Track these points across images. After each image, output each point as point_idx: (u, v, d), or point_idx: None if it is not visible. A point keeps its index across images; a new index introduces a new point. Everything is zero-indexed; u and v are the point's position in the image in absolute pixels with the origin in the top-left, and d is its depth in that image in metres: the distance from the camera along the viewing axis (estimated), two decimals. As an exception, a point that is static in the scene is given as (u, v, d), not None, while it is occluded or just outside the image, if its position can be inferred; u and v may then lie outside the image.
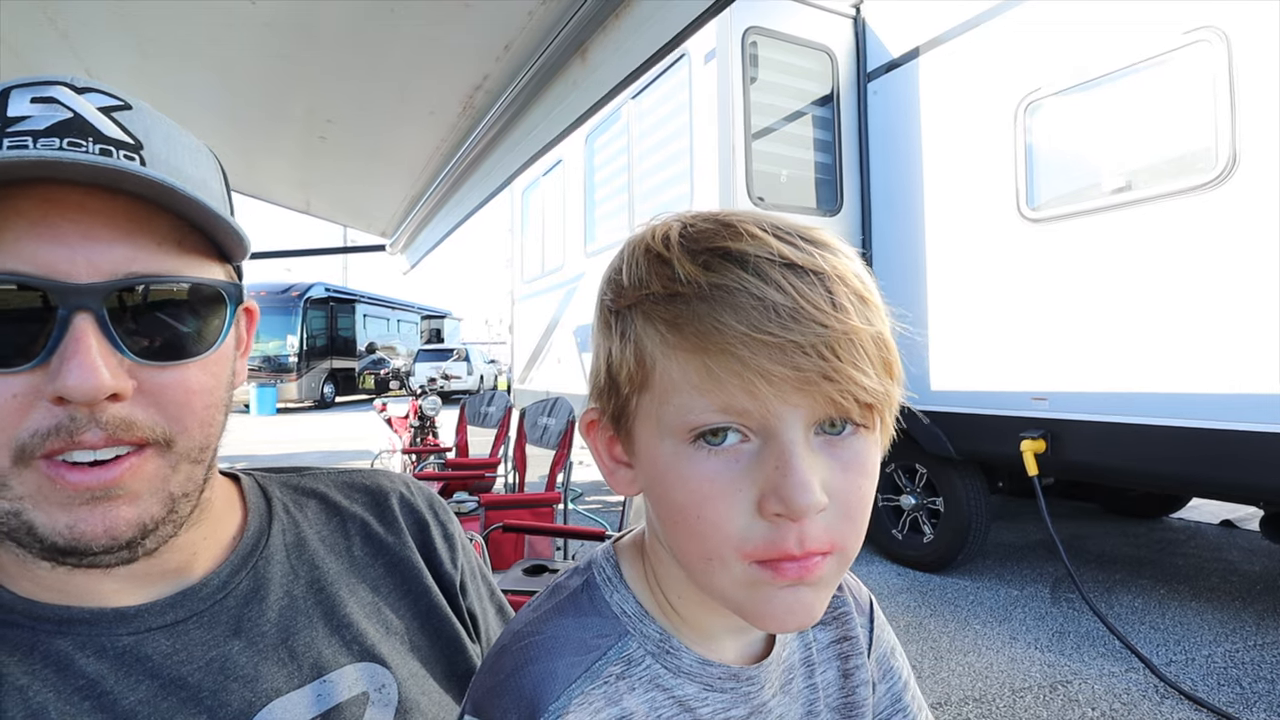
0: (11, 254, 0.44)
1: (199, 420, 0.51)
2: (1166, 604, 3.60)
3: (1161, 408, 2.96)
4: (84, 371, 0.43)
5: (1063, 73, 3.29)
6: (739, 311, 0.38)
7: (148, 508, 0.49)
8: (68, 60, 1.51)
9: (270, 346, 18.48)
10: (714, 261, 0.40)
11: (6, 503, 0.46)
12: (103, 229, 0.46)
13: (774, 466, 0.38)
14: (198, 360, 0.51)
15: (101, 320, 0.45)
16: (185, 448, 0.50)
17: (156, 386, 0.48)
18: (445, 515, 0.74)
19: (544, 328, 7.00)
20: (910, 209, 4.08)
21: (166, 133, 0.52)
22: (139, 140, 0.49)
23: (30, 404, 0.44)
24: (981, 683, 2.84)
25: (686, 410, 0.40)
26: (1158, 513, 5.29)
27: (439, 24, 1.38)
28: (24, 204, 0.44)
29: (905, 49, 4.09)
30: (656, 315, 0.41)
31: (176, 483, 0.51)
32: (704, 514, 0.40)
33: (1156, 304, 2.98)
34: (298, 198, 2.93)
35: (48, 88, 0.48)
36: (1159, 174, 2.98)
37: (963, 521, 4.02)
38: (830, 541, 0.40)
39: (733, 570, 0.40)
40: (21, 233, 0.44)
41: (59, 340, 0.44)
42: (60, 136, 0.45)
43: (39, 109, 0.46)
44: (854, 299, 0.39)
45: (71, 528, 0.46)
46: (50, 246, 0.44)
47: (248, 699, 0.53)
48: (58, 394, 0.44)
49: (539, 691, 0.43)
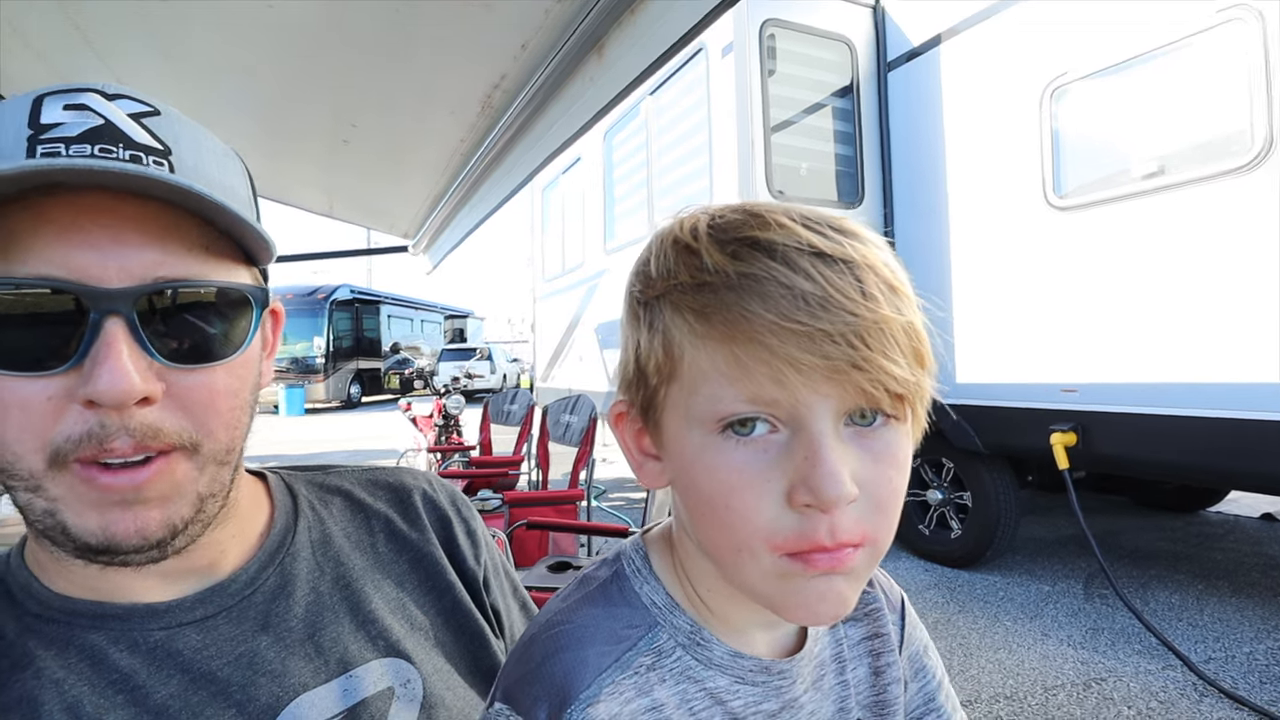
0: (44, 259, 0.45)
1: (224, 423, 0.52)
2: (1205, 600, 3.52)
3: (1198, 398, 2.89)
4: (115, 376, 0.44)
5: (1090, 56, 3.22)
6: (767, 300, 0.38)
7: (177, 509, 0.50)
8: (94, 66, 1.54)
9: (297, 348, 18.78)
10: (742, 251, 0.40)
11: (43, 502, 0.47)
12: (133, 234, 0.47)
13: (803, 457, 0.38)
14: (225, 363, 0.51)
15: (132, 324, 0.46)
16: (211, 451, 0.51)
17: (183, 389, 0.49)
18: (468, 511, 0.74)
19: (565, 325, 7.02)
20: (933, 199, 4.02)
21: (194, 138, 0.52)
22: (167, 146, 0.50)
23: (63, 406, 0.45)
24: (1013, 680, 2.80)
25: (715, 400, 0.40)
26: (1194, 506, 5.17)
27: (457, 24, 1.39)
28: (54, 210, 0.45)
29: (926, 37, 4.03)
30: (685, 305, 0.41)
31: (203, 484, 0.51)
32: (732, 504, 0.40)
33: (1191, 291, 2.91)
34: (321, 201, 2.96)
35: (79, 94, 0.49)
36: (1192, 158, 2.90)
37: (991, 516, 3.96)
38: (862, 533, 0.39)
39: (762, 562, 0.40)
40: (53, 238, 0.45)
41: (90, 343, 0.45)
42: (91, 143, 0.46)
43: (71, 116, 0.47)
44: (884, 288, 0.39)
45: (104, 529, 0.47)
46: (81, 251, 0.45)
47: (275, 693, 0.54)
48: (89, 398, 0.44)
49: (570, 679, 0.43)
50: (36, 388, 0.45)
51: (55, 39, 1.44)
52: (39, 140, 0.45)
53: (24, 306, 0.45)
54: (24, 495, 0.47)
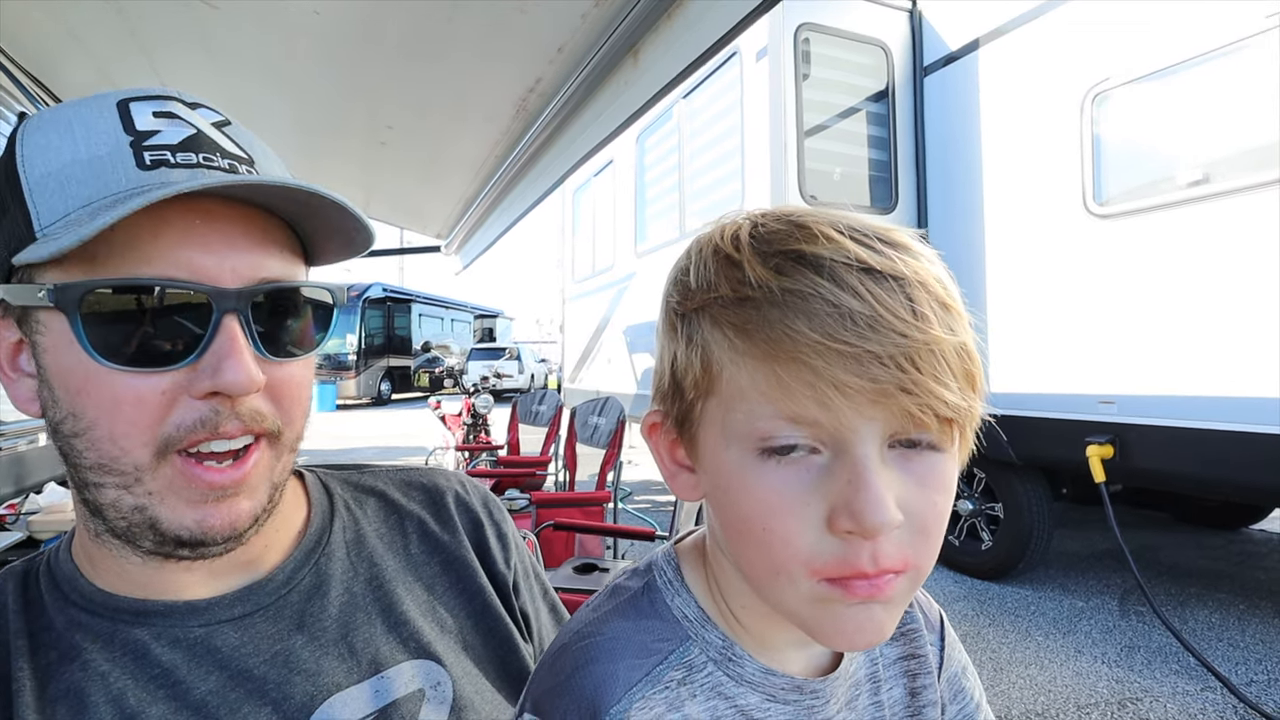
0: (169, 261, 0.47)
1: (303, 411, 0.57)
2: (1246, 620, 3.41)
3: (1241, 412, 2.80)
4: (240, 369, 0.48)
5: (1134, 61, 3.14)
6: (813, 319, 0.36)
7: (260, 499, 0.53)
8: (144, 69, 1.59)
9: (330, 345, 19.03)
10: (786, 265, 0.38)
11: (133, 498, 0.49)
12: (240, 237, 0.50)
13: (846, 481, 0.37)
14: (307, 356, 0.56)
15: (245, 321, 0.50)
16: (290, 438, 0.55)
17: (277, 381, 0.53)
18: (500, 514, 0.75)
19: (594, 327, 7.04)
20: (968, 206, 3.96)
21: (261, 145, 0.56)
22: (250, 155, 0.53)
23: (175, 399, 0.48)
24: (1044, 697, 2.74)
25: (754, 418, 0.38)
26: (1236, 523, 5.01)
27: (494, 29, 1.40)
28: (170, 213, 0.47)
29: (964, 41, 3.97)
30: (725, 320, 0.39)
31: (279, 471, 0.55)
32: (771, 527, 0.38)
33: (1236, 302, 2.82)
34: (358, 200, 3.01)
35: (164, 102, 0.51)
36: (1239, 165, 2.82)
37: (1024, 528, 3.88)
38: (905, 560, 0.38)
39: (800, 587, 0.39)
40: (174, 241, 0.47)
41: (212, 339, 0.48)
42: (194, 152, 0.50)
43: (164, 124, 0.50)
44: (936, 306, 0.37)
45: (200, 522, 0.50)
46: (200, 254, 0.48)
47: (310, 692, 0.55)
48: (215, 389, 0.48)
49: (600, 693, 0.42)
50: (152, 383, 0.48)
51: (113, 44, 1.48)
52: (143, 147, 0.48)
53: (148, 306, 0.47)
54: (113, 493, 0.49)
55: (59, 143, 0.48)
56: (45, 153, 0.48)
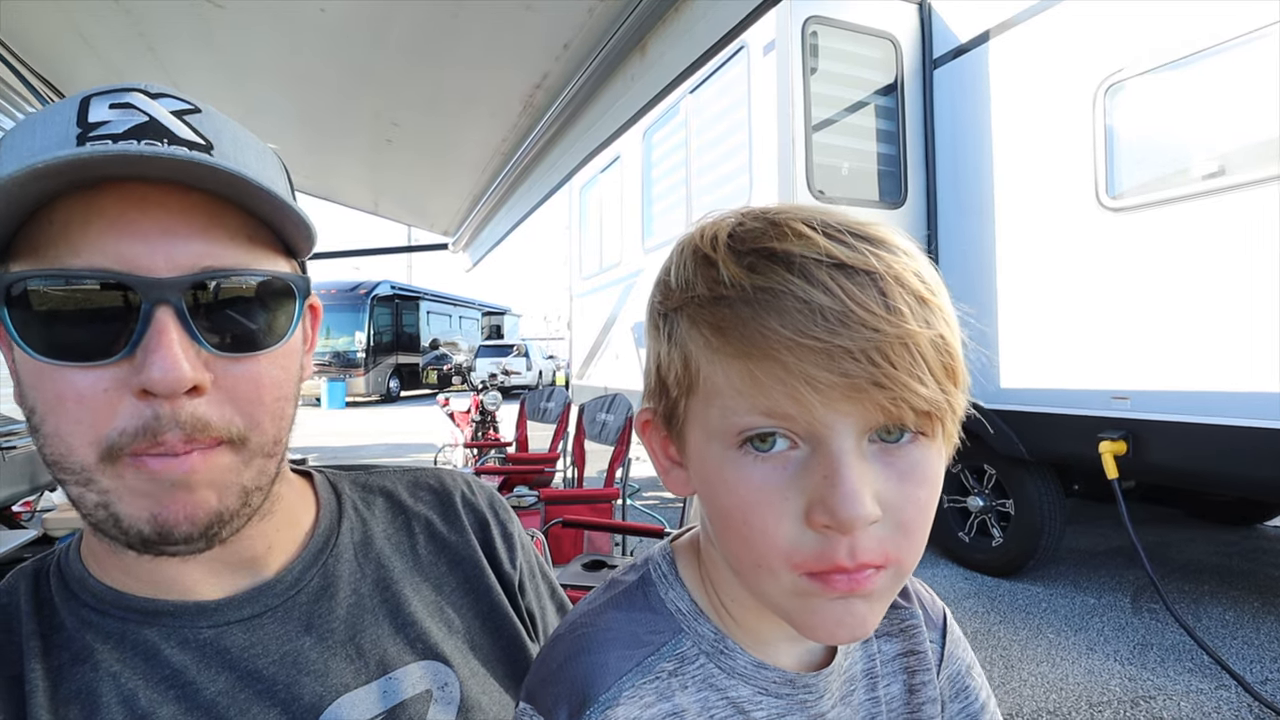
0: (96, 250, 0.45)
1: (270, 413, 0.52)
2: (1261, 618, 3.37)
3: (1257, 408, 2.77)
4: (167, 364, 0.45)
5: (1147, 52, 3.10)
6: (784, 315, 0.36)
7: (223, 499, 0.50)
8: (152, 68, 1.59)
9: (339, 342, 19.20)
10: (759, 263, 0.38)
11: (95, 495, 0.48)
12: (180, 225, 0.47)
13: (822, 476, 0.37)
14: (269, 352, 0.52)
15: (180, 313, 0.47)
16: (259, 443, 0.52)
17: (231, 380, 0.49)
18: (505, 514, 0.75)
19: (602, 324, 7.04)
20: (979, 199, 3.92)
21: (234, 134, 0.53)
22: (210, 141, 0.50)
23: (118, 398, 0.46)
24: (1056, 695, 2.72)
25: (729, 413, 0.39)
26: (1251, 520, 4.96)
27: (500, 25, 1.40)
28: (104, 202, 0.46)
29: (974, 33, 3.93)
30: (701, 319, 0.40)
31: (249, 477, 0.52)
32: (751, 521, 0.39)
33: (1252, 296, 2.78)
34: (366, 199, 3.02)
35: (124, 94, 0.50)
36: (1256, 157, 2.78)
37: (1035, 525, 3.86)
38: (884, 554, 0.38)
39: (781, 580, 0.39)
40: (103, 229, 0.46)
41: (142, 333, 0.46)
42: (138, 138, 0.47)
43: (116, 114, 0.48)
44: (911, 300, 0.37)
45: (155, 516, 0.48)
46: (131, 242, 0.46)
47: (318, 693, 0.55)
48: (142, 386, 0.45)
49: (590, 682, 0.43)
50: (91, 379, 0.46)
51: (120, 44, 1.49)
52: (87, 137, 0.46)
53: (78, 298, 0.46)
54: (75, 489, 0.48)
55: (23, 142, 0.48)
56: (11, 152, 0.47)
